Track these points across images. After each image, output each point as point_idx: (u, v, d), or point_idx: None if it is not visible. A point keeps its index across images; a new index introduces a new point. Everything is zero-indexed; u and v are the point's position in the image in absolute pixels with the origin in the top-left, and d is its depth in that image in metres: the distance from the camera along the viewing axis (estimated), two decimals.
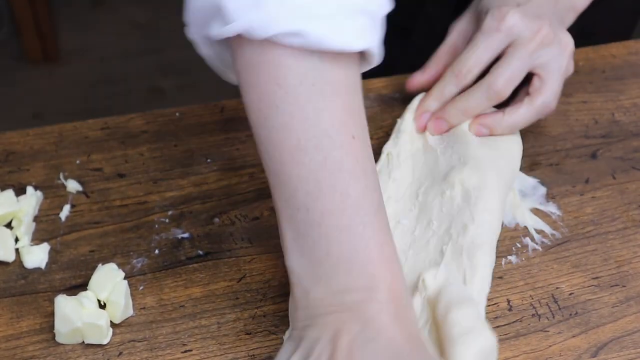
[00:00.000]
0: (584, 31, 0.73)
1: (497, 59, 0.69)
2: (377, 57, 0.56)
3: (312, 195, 0.52)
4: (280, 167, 0.53)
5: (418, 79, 0.72)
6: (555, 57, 0.68)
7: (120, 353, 0.58)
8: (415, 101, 0.72)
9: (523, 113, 0.68)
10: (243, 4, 0.52)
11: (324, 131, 0.53)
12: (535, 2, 0.70)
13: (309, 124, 0.53)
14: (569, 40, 0.70)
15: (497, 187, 0.63)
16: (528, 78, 0.69)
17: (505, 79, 0.67)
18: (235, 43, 0.54)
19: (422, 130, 0.70)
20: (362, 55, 0.56)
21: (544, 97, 0.68)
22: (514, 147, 0.69)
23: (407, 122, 0.70)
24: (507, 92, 0.68)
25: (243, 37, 0.53)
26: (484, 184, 0.63)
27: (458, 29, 0.73)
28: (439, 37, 0.74)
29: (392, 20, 0.60)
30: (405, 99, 0.74)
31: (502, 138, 0.69)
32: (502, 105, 0.69)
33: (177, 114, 0.74)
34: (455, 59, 0.70)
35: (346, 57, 0.54)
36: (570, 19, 0.73)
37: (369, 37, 0.54)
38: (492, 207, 0.62)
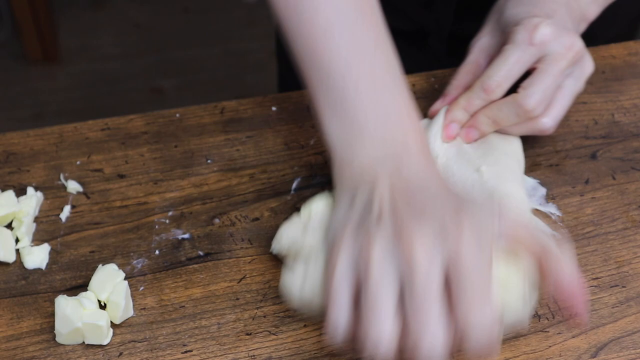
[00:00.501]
0: (586, 34, 0.73)
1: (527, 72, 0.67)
2: None
3: (346, 67, 0.60)
4: (312, 43, 0.61)
5: (438, 107, 0.70)
6: (573, 81, 0.68)
7: (121, 353, 0.58)
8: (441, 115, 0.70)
9: (516, 127, 0.68)
10: None
11: (349, 12, 0.61)
12: (560, 13, 0.68)
13: (337, 5, 0.61)
14: (589, 64, 0.69)
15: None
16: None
17: (537, 100, 0.66)
18: None
19: (451, 139, 0.69)
20: None
21: (546, 119, 0.67)
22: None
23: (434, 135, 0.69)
24: (539, 111, 0.66)
25: None
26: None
27: (479, 46, 0.71)
28: (442, 40, 0.74)
29: (396, 24, 0.62)
30: None
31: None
32: None
33: (177, 114, 0.74)
34: (477, 77, 0.68)
35: None
36: (582, 29, 0.72)
37: None
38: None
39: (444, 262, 0.50)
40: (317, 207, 0.59)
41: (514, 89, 0.67)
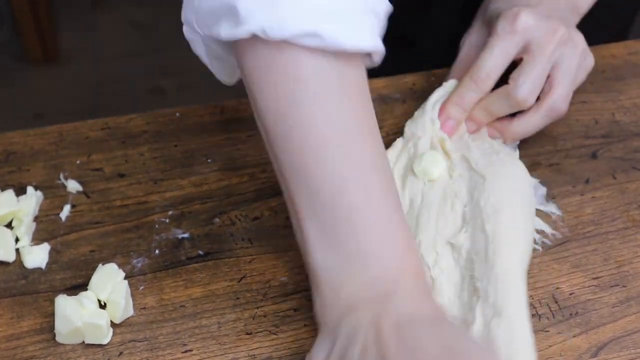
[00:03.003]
0: (579, 29, 0.73)
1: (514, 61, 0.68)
2: (381, 56, 0.57)
3: (338, 191, 0.54)
4: (301, 165, 0.54)
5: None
6: (567, 57, 0.68)
7: (121, 353, 0.58)
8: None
9: (532, 119, 0.68)
10: (257, 5, 0.52)
11: (344, 127, 0.54)
12: (545, 4, 0.69)
13: (331, 121, 0.54)
14: (579, 39, 0.69)
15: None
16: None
17: (528, 89, 0.66)
18: (246, 43, 0.55)
19: (451, 134, 0.69)
20: (369, 54, 0.56)
21: (552, 101, 0.68)
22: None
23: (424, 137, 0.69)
24: (531, 101, 0.67)
25: (257, 37, 0.53)
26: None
27: (469, 43, 0.72)
28: (445, 43, 0.74)
29: (397, 27, 0.61)
30: (406, 99, 0.75)
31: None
32: None
33: (177, 114, 0.74)
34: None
35: (358, 56, 0.55)
36: (574, 21, 0.73)
37: (377, 37, 0.55)
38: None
39: None
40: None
41: (504, 80, 0.68)
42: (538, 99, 0.68)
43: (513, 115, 0.69)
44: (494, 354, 0.53)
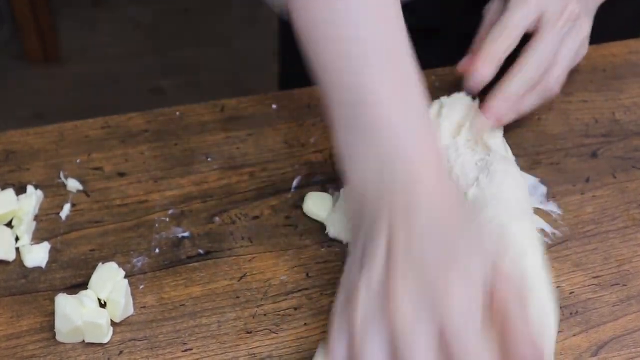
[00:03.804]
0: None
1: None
2: None
3: (374, 78, 0.56)
4: (324, 53, 0.57)
5: (467, 62, 0.71)
6: (571, 40, 0.70)
7: (121, 352, 0.58)
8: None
9: (528, 101, 0.69)
10: None
11: (372, 14, 0.57)
12: None
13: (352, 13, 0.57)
14: (586, 25, 0.71)
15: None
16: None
17: (535, 67, 0.68)
18: None
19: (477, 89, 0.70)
20: None
21: (546, 82, 0.69)
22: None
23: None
24: (539, 73, 0.69)
25: None
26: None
27: (493, 10, 0.74)
28: (464, 37, 0.74)
29: (416, 21, 0.61)
30: None
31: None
32: None
33: (177, 113, 0.74)
34: None
35: None
36: (593, 6, 0.74)
37: None
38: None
39: (431, 327, 0.48)
40: None
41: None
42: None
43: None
44: (494, 255, 0.53)
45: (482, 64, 0.69)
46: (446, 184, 0.55)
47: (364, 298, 0.50)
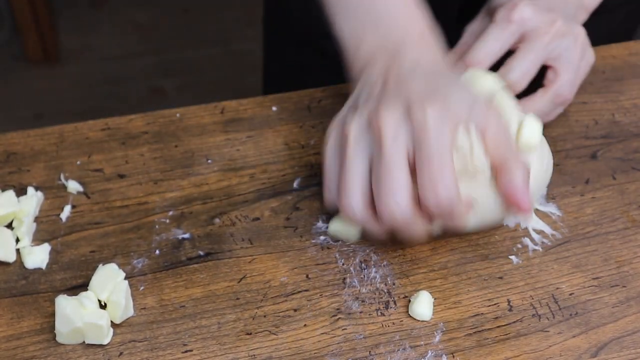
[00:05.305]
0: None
1: (509, 52, 0.69)
2: None
3: None
4: None
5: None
6: (569, 48, 0.69)
7: (121, 353, 0.58)
8: None
9: (537, 104, 0.69)
10: None
11: None
12: None
13: None
14: (580, 31, 0.70)
15: None
16: (543, 71, 0.69)
17: (519, 72, 0.68)
18: None
19: None
20: None
21: (557, 87, 0.69)
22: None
23: None
24: (522, 85, 0.68)
25: None
26: None
27: (470, 31, 0.74)
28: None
29: None
30: None
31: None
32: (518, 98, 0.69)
33: (177, 114, 0.74)
34: None
35: None
36: (582, 17, 0.74)
37: None
38: None
39: (409, 139, 0.57)
40: None
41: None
42: (542, 86, 0.69)
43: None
44: (477, 99, 0.60)
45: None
46: (433, 40, 0.64)
47: (357, 123, 0.60)
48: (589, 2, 0.74)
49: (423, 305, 0.60)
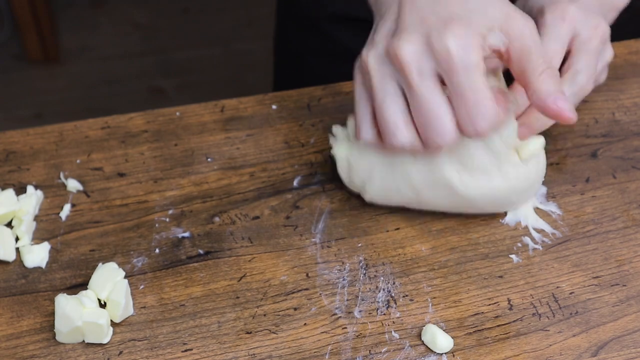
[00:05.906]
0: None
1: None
2: None
3: None
4: None
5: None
6: (605, 50, 0.70)
7: (121, 352, 0.58)
8: None
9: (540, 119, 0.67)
10: None
11: None
12: (584, 0, 0.70)
13: None
14: (609, 50, 0.71)
15: None
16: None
17: (587, 76, 0.67)
18: None
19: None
20: None
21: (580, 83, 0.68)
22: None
23: None
24: (590, 88, 0.68)
25: None
26: None
27: None
28: None
29: None
30: None
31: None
32: None
33: (177, 113, 0.74)
34: None
35: None
36: (612, 17, 0.74)
37: None
38: None
39: (434, 68, 0.57)
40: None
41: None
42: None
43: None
44: (497, 5, 0.58)
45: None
46: None
47: (373, 55, 0.59)
48: (619, 2, 0.74)
49: (440, 338, 0.58)
